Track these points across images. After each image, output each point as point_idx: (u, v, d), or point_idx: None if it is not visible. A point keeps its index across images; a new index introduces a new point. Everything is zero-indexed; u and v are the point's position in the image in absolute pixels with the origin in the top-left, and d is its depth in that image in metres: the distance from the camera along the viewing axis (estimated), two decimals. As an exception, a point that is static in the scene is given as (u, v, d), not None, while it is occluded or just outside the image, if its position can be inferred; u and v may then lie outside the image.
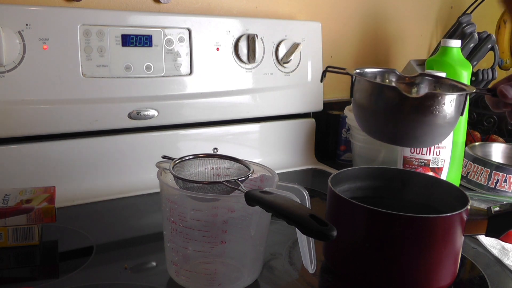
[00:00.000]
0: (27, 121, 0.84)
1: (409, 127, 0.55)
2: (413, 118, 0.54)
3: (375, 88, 0.56)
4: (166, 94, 0.96)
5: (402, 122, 0.55)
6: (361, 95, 0.57)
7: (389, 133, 0.57)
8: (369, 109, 0.57)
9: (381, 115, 0.56)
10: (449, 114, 0.55)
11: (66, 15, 0.85)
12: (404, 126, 0.55)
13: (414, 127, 0.55)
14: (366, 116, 0.58)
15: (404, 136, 0.57)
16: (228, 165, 0.67)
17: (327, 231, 0.48)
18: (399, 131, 0.56)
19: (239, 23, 1.02)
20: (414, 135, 0.56)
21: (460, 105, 0.56)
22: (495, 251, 0.75)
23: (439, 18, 1.49)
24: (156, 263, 0.68)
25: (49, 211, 0.70)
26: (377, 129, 0.58)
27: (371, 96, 0.56)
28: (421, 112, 0.54)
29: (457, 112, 0.56)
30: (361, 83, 0.57)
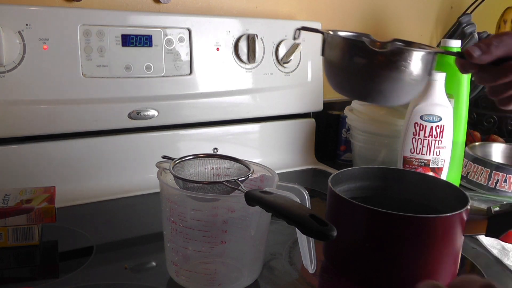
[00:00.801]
0: (27, 121, 0.84)
1: (376, 82, 0.56)
2: (380, 73, 0.55)
3: (344, 43, 0.58)
4: (166, 94, 0.96)
5: (369, 76, 0.56)
6: (330, 51, 0.58)
7: (357, 89, 0.59)
8: (338, 65, 0.58)
9: (349, 70, 0.57)
10: (416, 71, 0.55)
11: (66, 15, 0.85)
12: (371, 81, 0.56)
13: (381, 82, 0.56)
14: (336, 72, 0.59)
15: (371, 91, 0.57)
16: (228, 165, 0.67)
17: (327, 231, 0.48)
18: (366, 86, 0.57)
19: (239, 23, 1.02)
20: (380, 90, 0.57)
21: (427, 64, 0.56)
22: (495, 251, 0.75)
23: (439, 18, 1.49)
24: (156, 263, 0.68)
25: (49, 211, 0.70)
26: (345, 84, 0.59)
27: (340, 51, 0.58)
28: (388, 66, 0.55)
29: (425, 71, 0.57)
30: (331, 40, 0.58)
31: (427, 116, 0.92)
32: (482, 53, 0.57)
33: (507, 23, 1.48)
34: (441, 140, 0.93)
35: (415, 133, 0.93)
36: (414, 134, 0.93)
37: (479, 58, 0.57)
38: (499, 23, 1.50)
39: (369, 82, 0.57)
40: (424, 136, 0.93)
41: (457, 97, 0.97)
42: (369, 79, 0.56)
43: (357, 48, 0.56)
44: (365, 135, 1.08)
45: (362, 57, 0.56)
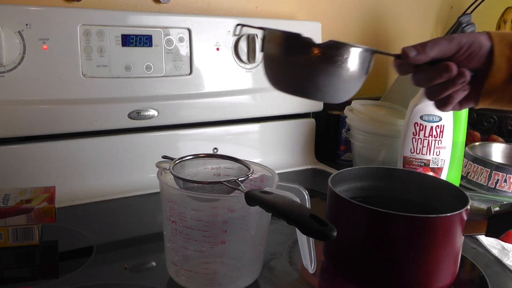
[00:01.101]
0: (27, 121, 0.84)
1: (312, 76, 0.56)
2: (315, 67, 0.55)
3: (281, 36, 0.58)
4: (166, 94, 0.96)
5: (305, 70, 0.56)
6: (269, 45, 0.59)
7: (293, 83, 0.59)
8: (275, 59, 0.58)
9: (285, 64, 0.57)
10: (353, 68, 0.56)
11: (66, 15, 0.85)
12: (306, 75, 0.56)
13: (316, 76, 0.56)
14: (273, 66, 0.59)
15: (307, 86, 0.57)
16: (228, 165, 0.67)
17: (327, 231, 0.48)
18: (302, 81, 0.57)
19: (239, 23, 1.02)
20: (316, 85, 0.57)
21: (364, 62, 0.57)
22: (495, 251, 0.75)
23: (439, 18, 1.49)
24: (156, 263, 0.68)
25: (49, 211, 0.70)
26: (282, 79, 0.59)
27: (277, 45, 0.58)
28: (324, 60, 0.55)
29: (361, 69, 0.57)
30: (269, 35, 0.59)
31: (427, 116, 0.92)
32: (418, 53, 0.57)
33: (507, 23, 1.48)
34: (441, 140, 0.93)
35: (415, 133, 0.93)
36: (414, 134, 0.93)
37: (414, 58, 0.58)
38: (499, 23, 1.50)
39: (305, 76, 0.57)
40: (424, 136, 0.93)
41: (457, 97, 0.97)
42: (305, 73, 0.56)
43: (293, 41, 0.56)
44: (365, 135, 1.08)
45: (298, 50, 0.56)
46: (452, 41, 0.57)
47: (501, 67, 0.57)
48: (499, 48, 0.57)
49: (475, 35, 0.58)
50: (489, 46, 0.58)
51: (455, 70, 0.57)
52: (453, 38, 0.58)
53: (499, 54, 0.57)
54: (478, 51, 0.58)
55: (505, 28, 1.47)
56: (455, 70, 0.57)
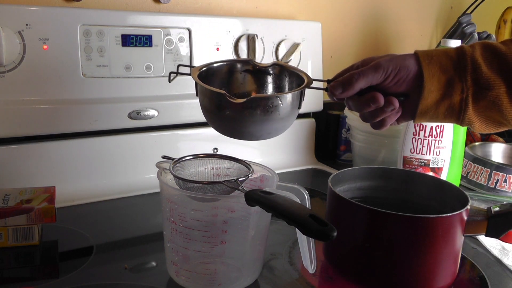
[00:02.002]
0: (27, 121, 0.84)
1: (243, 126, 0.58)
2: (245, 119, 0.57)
3: (207, 92, 0.59)
4: (166, 94, 0.96)
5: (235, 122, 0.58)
6: (200, 96, 0.61)
7: (228, 130, 0.61)
8: (208, 109, 0.60)
9: (217, 115, 0.59)
10: (283, 111, 0.58)
11: (66, 15, 0.85)
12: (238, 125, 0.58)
13: (247, 126, 0.58)
14: (208, 115, 0.61)
15: (241, 132, 0.60)
16: (228, 165, 0.67)
17: (327, 231, 0.48)
18: (235, 129, 0.60)
19: (239, 23, 1.02)
20: (249, 132, 0.59)
21: (295, 101, 0.60)
22: (495, 251, 0.75)
23: (439, 18, 1.49)
24: (156, 263, 0.68)
25: (49, 211, 0.70)
26: (217, 125, 0.61)
27: (207, 98, 0.60)
28: (252, 113, 0.57)
29: (293, 106, 0.60)
30: (199, 87, 0.61)
31: (427, 116, 0.92)
32: (343, 91, 0.59)
33: (507, 23, 1.48)
34: (441, 140, 0.93)
35: (415, 133, 0.93)
36: (414, 134, 0.93)
37: (341, 95, 0.60)
38: (499, 23, 1.50)
39: (236, 126, 0.59)
40: (424, 136, 0.93)
41: (457, 97, 0.97)
42: (236, 124, 0.58)
43: (219, 99, 0.58)
44: (365, 135, 1.08)
45: (225, 106, 0.57)
46: (378, 70, 0.58)
47: (432, 89, 0.58)
48: (428, 71, 0.57)
49: (401, 60, 0.58)
50: (417, 69, 0.58)
51: (382, 100, 0.58)
52: (379, 67, 0.58)
53: (428, 77, 0.57)
54: (406, 77, 0.58)
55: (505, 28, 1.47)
56: (381, 100, 0.58)
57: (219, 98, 0.57)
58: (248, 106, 0.56)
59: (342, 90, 0.59)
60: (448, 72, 0.57)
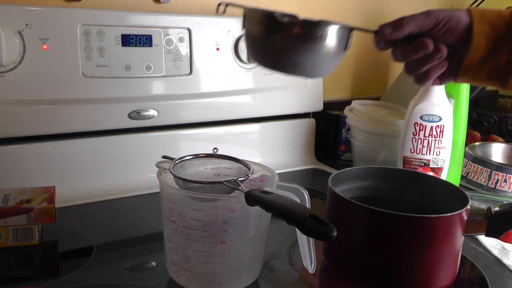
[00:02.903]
0: (27, 121, 0.84)
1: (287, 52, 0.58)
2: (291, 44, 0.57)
3: (257, 15, 0.60)
4: (166, 94, 0.96)
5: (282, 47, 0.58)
6: (248, 23, 0.62)
7: (271, 59, 0.60)
8: (254, 36, 0.61)
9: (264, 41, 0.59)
10: (328, 44, 0.57)
11: (66, 15, 0.85)
12: (284, 52, 0.58)
13: (291, 52, 0.58)
14: (252, 43, 0.62)
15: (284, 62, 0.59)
16: (228, 165, 0.67)
17: (327, 231, 0.48)
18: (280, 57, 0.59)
19: (239, 23, 1.02)
20: (292, 61, 0.58)
21: (341, 39, 0.59)
22: (495, 251, 0.75)
23: (439, 18, 1.49)
24: (156, 263, 0.68)
25: (49, 211, 0.70)
26: (261, 55, 0.61)
27: (254, 23, 0.61)
28: (296, 37, 0.57)
29: (339, 45, 0.59)
30: (248, 13, 0.62)
31: (427, 116, 0.92)
32: (393, 30, 0.58)
33: (507, 23, 1.47)
34: (441, 140, 0.93)
35: (415, 133, 0.93)
36: (414, 134, 0.93)
37: (390, 35, 0.58)
38: (499, 23, 1.50)
39: (282, 53, 0.58)
40: (424, 136, 0.93)
41: (457, 97, 0.97)
42: (282, 50, 0.58)
43: (269, 20, 0.58)
44: (365, 135, 1.08)
45: (275, 28, 0.58)
46: (430, 15, 0.57)
47: (479, 45, 0.57)
48: (478, 26, 0.57)
49: (454, 11, 0.58)
50: (468, 22, 0.57)
51: (431, 46, 0.57)
52: (430, 13, 0.58)
53: (478, 32, 0.57)
54: (456, 26, 0.57)
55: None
56: (431, 46, 0.57)
57: (269, 18, 0.58)
58: (295, 28, 0.56)
59: (392, 29, 0.58)
60: (499, 30, 0.57)
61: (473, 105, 1.33)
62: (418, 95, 0.93)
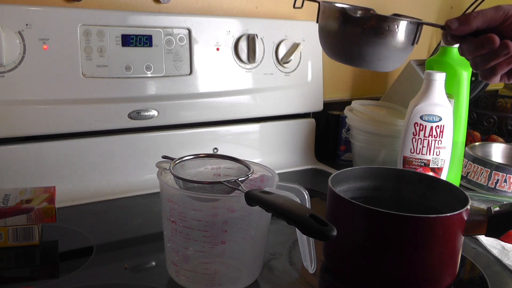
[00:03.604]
0: (27, 121, 0.84)
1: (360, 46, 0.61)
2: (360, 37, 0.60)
3: (331, 10, 0.63)
4: (166, 94, 0.96)
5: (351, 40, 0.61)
6: (322, 18, 0.64)
7: (344, 53, 0.64)
8: (327, 30, 0.64)
9: (334, 34, 0.63)
10: (397, 38, 0.60)
11: (66, 15, 0.85)
12: (355, 45, 0.61)
13: (362, 46, 0.61)
14: (326, 37, 0.65)
15: (355, 55, 0.62)
16: (228, 165, 0.67)
17: (327, 231, 0.48)
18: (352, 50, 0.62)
19: (239, 23, 1.02)
20: (363, 54, 0.61)
21: (410, 34, 0.61)
22: (495, 251, 0.75)
23: (439, 18, 1.49)
24: (156, 263, 0.68)
25: (49, 211, 0.70)
26: (333, 48, 0.65)
27: (328, 18, 0.63)
28: (369, 32, 0.60)
29: (407, 39, 0.61)
30: (323, 8, 0.64)
31: (427, 116, 0.92)
32: (460, 25, 0.58)
33: (507, 23, 1.47)
34: (441, 140, 0.93)
35: (415, 133, 0.93)
36: (414, 134, 0.93)
37: (457, 30, 0.59)
38: (499, 23, 1.50)
39: (353, 47, 0.61)
40: (424, 136, 0.93)
41: (457, 97, 0.97)
42: (352, 44, 0.61)
43: (342, 15, 0.61)
44: (365, 135, 1.08)
45: (344, 22, 0.61)
46: (499, 10, 0.57)
47: None
48: None
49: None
50: None
51: (498, 42, 0.57)
52: (499, 8, 0.58)
53: None
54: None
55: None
56: (497, 41, 0.57)
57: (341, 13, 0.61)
58: (365, 23, 0.59)
59: (459, 24, 0.58)
60: None
61: (473, 105, 1.33)
62: (418, 95, 0.93)
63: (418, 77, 1.14)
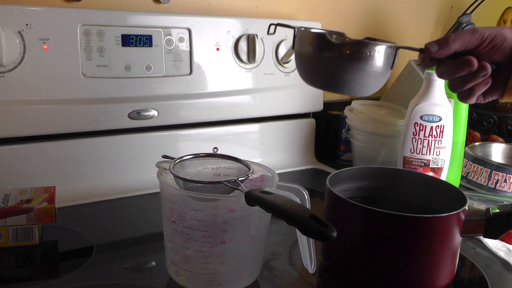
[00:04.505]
0: (27, 121, 0.84)
1: (338, 72, 0.60)
2: (340, 64, 0.59)
3: (308, 36, 0.62)
4: (166, 94, 0.96)
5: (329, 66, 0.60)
6: (298, 43, 0.63)
7: (321, 79, 0.63)
8: (304, 56, 0.63)
9: (313, 60, 0.62)
10: (376, 63, 0.59)
11: (66, 15, 0.85)
12: (333, 72, 0.60)
13: (342, 73, 0.60)
14: (302, 63, 0.64)
15: (333, 81, 0.61)
16: (228, 165, 0.67)
17: (327, 231, 0.48)
18: (329, 77, 0.61)
19: (239, 23, 1.02)
20: (342, 80, 0.60)
21: (388, 58, 0.60)
22: (501, 253, 0.75)
23: (439, 18, 1.49)
24: (156, 263, 0.68)
25: (49, 211, 0.70)
26: (311, 74, 0.64)
27: (305, 44, 0.62)
28: (347, 58, 0.59)
29: (386, 64, 0.60)
30: (299, 34, 0.63)
31: (427, 116, 0.92)
32: (439, 48, 0.59)
33: (507, 23, 1.48)
34: (441, 140, 0.93)
35: (415, 133, 0.93)
36: (414, 134, 0.93)
37: (436, 53, 0.59)
38: (499, 23, 1.50)
39: (331, 73, 0.60)
40: (424, 136, 0.93)
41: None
42: (331, 70, 0.60)
43: (319, 40, 0.60)
44: (365, 135, 1.08)
45: (324, 48, 0.60)
46: (475, 33, 0.58)
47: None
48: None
49: (499, 28, 0.59)
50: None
51: (476, 64, 0.58)
52: (476, 31, 0.58)
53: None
54: (501, 44, 0.58)
55: (505, 28, 1.47)
56: (475, 63, 0.58)
57: (320, 39, 0.60)
58: (345, 49, 0.58)
59: (438, 48, 0.59)
60: None
61: (473, 105, 1.33)
62: (418, 95, 0.93)
63: (418, 77, 1.14)
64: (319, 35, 0.60)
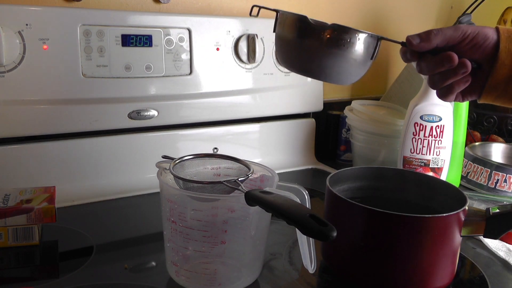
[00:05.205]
0: (27, 121, 0.84)
1: (317, 57, 0.59)
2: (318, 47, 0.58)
3: (288, 19, 0.61)
4: (166, 94, 0.96)
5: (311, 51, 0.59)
6: (279, 27, 0.62)
7: (299, 63, 0.61)
8: (284, 39, 0.62)
9: (292, 44, 0.60)
10: (356, 51, 0.58)
11: (66, 15, 0.85)
12: (312, 56, 0.59)
13: (322, 57, 0.59)
14: (282, 46, 0.62)
15: (312, 66, 0.60)
16: (228, 165, 0.67)
17: (327, 231, 0.48)
18: (308, 61, 0.60)
19: (239, 23, 1.02)
20: (320, 65, 0.59)
21: (369, 47, 0.59)
22: (502, 253, 0.75)
23: (439, 18, 1.49)
24: (156, 263, 0.68)
25: (49, 211, 0.70)
26: (289, 58, 0.62)
27: (285, 27, 0.61)
28: (327, 42, 0.58)
29: (366, 53, 0.59)
30: (280, 17, 0.62)
31: (427, 116, 0.92)
32: (421, 41, 0.59)
33: (507, 23, 1.48)
34: (441, 140, 0.93)
35: (415, 133, 0.93)
36: (414, 134, 0.93)
37: (418, 46, 0.59)
38: (499, 23, 1.50)
39: (310, 57, 0.59)
40: (424, 136, 0.93)
41: (457, 97, 0.97)
42: (311, 54, 0.59)
43: (300, 24, 0.59)
44: (365, 135, 1.08)
45: (305, 32, 0.59)
46: (458, 30, 0.58)
47: (505, 63, 0.58)
48: (505, 45, 0.58)
49: (481, 27, 0.59)
50: (495, 39, 0.58)
51: (457, 60, 0.58)
52: (458, 27, 0.58)
53: (504, 50, 0.57)
54: (483, 43, 0.58)
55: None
56: (456, 60, 0.58)
57: (300, 22, 0.59)
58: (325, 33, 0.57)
59: (420, 40, 0.59)
60: None
61: (473, 105, 1.33)
62: (418, 95, 0.93)
63: (418, 77, 1.14)
64: (300, 18, 0.59)
